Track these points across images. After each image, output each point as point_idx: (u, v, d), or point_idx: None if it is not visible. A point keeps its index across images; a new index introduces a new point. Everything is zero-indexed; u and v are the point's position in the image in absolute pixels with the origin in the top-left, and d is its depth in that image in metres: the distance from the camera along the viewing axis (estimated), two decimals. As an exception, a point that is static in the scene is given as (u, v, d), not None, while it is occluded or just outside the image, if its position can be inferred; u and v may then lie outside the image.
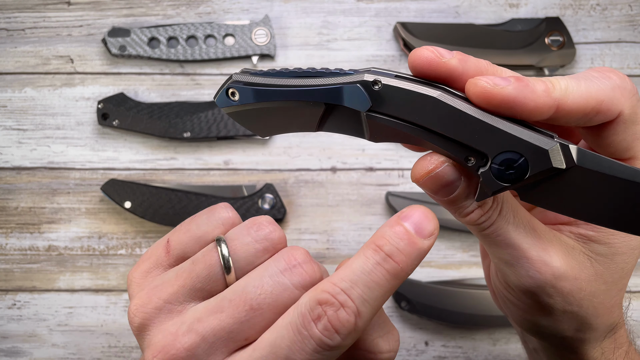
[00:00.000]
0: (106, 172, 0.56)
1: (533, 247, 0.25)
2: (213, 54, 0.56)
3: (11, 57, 0.57)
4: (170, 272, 0.24)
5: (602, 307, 0.27)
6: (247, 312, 0.22)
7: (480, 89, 0.22)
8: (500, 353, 0.55)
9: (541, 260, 0.25)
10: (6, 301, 0.55)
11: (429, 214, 0.23)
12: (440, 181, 0.23)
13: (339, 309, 0.20)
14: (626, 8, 0.58)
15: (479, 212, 0.24)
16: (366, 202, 0.56)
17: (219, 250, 0.23)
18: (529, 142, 0.22)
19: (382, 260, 0.21)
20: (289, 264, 0.23)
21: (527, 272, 0.25)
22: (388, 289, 0.21)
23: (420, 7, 0.58)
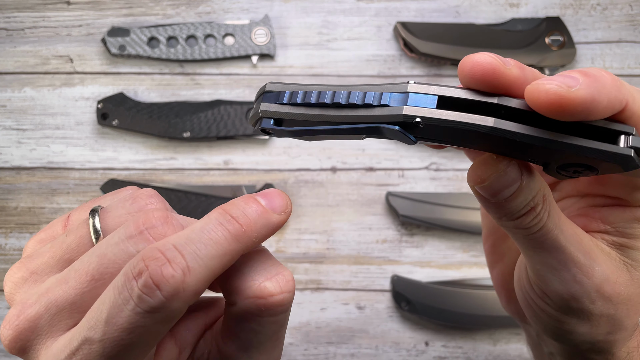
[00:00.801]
0: (106, 172, 0.56)
1: (579, 252, 0.24)
2: (213, 53, 0.56)
3: (10, 56, 0.57)
4: (50, 243, 0.23)
5: (633, 309, 0.27)
6: (89, 283, 0.21)
7: (553, 96, 0.18)
8: (500, 353, 0.55)
9: (588, 265, 0.24)
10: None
11: (282, 194, 0.22)
12: (505, 182, 0.22)
13: (164, 264, 0.18)
14: (626, 8, 0.58)
15: (531, 215, 0.23)
16: (366, 202, 0.56)
17: (90, 223, 0.22)
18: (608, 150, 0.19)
19: (225, 221, 0.20)
20: (138, 229, 0.21)
21: (575, 276, 0.24)
22: (227, 250, 0.20)
23: (420, 6, 0.58)
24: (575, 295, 0.25)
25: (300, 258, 0.55)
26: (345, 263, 0.55)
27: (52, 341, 0.21)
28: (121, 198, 0.23)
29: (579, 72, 0.19)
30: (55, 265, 0.22)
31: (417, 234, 0.56)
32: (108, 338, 0.19)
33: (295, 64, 0.57)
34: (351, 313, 0.55)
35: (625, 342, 0.28)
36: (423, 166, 0.56)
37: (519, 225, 0.23)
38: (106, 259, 0.20)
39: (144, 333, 0.19)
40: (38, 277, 0.22)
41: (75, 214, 0.24)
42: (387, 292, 0.55)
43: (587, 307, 0.25)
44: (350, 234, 0.56)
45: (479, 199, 0.24)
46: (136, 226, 0.21)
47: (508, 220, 0.23)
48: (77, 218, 0.24)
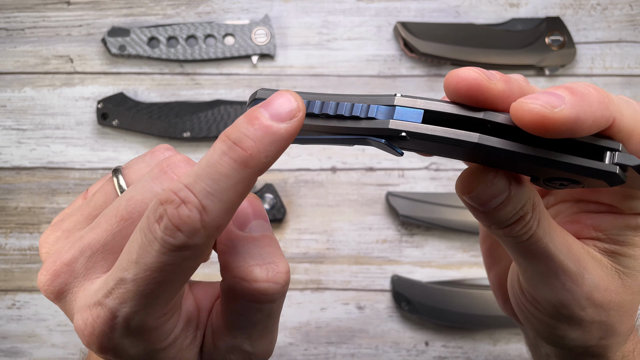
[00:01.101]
0: (106, 172, 0.56)
1: (569, 260, 0.24)
2: (213, 53, 0.56)
3: (11, 56, 0.57)
4: (74, 206, 0.24)
5: (626, 315, 0.27)
6: (119, 223, 0.22)
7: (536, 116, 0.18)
8: (500, 353, 0.55)
9: (577, 273, 0.24)
10: (6, 301, 0.55)
11: (287, 95, 0.20)
12: (492, 192, 0.22)
13: (179, 206, 0.19)
14: (627, 8, 0.58)
15: (520, 223, 0.23)
16: (366, 202, 0.56)
17: (115, 180, 0.23)
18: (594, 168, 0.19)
19: (227, 148, 0.19)
20: (162, 170, 0.22)
21: (564, 284, 0.24)
22: (237, 179, 0.19)
23: (420, 6, 0.58)
24: (564, 303, 0.25)
25: (300, 258, 0.55)
26: (345, 263, 0.55)
27: (89, 283, 0.22)
28: (140, 155, 0.24)
29: (565, 89, 0.19)
30: (85, 221, 0.23)
31: (417, 234, 0.56)
32: (140, 277, 0.20)
33: (295, 64, 0.57)
34: (351, 313, 0.55)
35: (619, 346, 0.28)
36: (423, 166, 0.56)
37: (508, 234, 0.23)
38: (134, 200, 0.22)
39: (173, 271, 0.20)
40: (70, 233, 0.23)
41: (93, 187, 0.25)
42: (387, 292, 0.55)
43: (578, 314, 0.25)
44: (350, 234, 0.56)
45: (469, 208, 0.24)
46: (160, 168, 0.22)
47: (497, 228, 0.23)
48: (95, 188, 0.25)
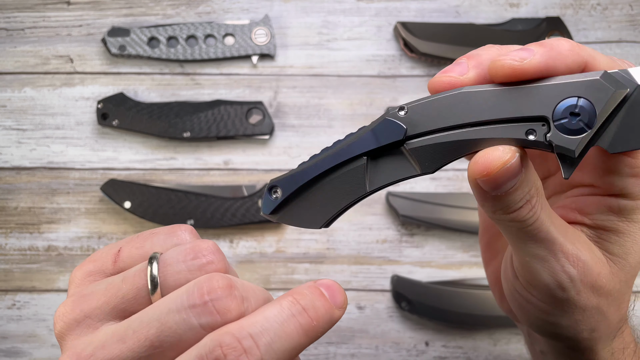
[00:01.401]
0: (106, 172, 0.56)
1: (568, 242, 0.25)
2: (213, 53, 0.56)
3: (11, 56, 0.57)
4: (102, 283, 0.23)
5: (614, 305, 0.27)
6: (147, 349, 0.20)
7: (507, 69, 0.21)
8: (500, 353, 0.55)
9: (575, 255, 0.25)
10: (6, 301, 0.55)
11: (341, 289, 0.23)
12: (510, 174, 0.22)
13: (241, 355, 0.19)
14: (627, 8, 0.58)
15: (527, 207, 0.23)
16: (366, 202, 0.56)
17: (148, 272, 0.22)
18: (577, 80, 0.21)
19: (297, 312, 0.21)
20: (201, 298, 0.20)
21: (563, 266, 0.25)
22: (298, 343, 0.20)
23: (420, 6, 0.58)
24: (562, 285, 0.25)
25: (300, 258, 0.55)
26: (345, 263, 0.55)
27: None
28: (181, 250, 0.23)
29: (536, 44, 0.22)
30: (110, 313, 0.22)
31: (417, 234, 0.56)
32: None
33: (295, 64, 0.57)
34: (351, 313, 0.55)
35: (608, 340, 0.29)
36: (423, 166, 0.56)
37: (515, 218, 0.24)
38: (167, 327, 0.20)
39: None
40: (92, 322, 0.22)
41: (127, 249, 0.24)
42: (387, 292, 0.55)
43: (573, 297, 0.26)
44: (351, 234, 0.56)
45: (478, 193, 0.24)
46: (200, 295, 0.20)
47: (504, 214, 0.24)
48: (128, 254, 0.24)
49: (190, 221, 0.53)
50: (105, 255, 0.24)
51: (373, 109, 0.57)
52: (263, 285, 0.55)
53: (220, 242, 0.56)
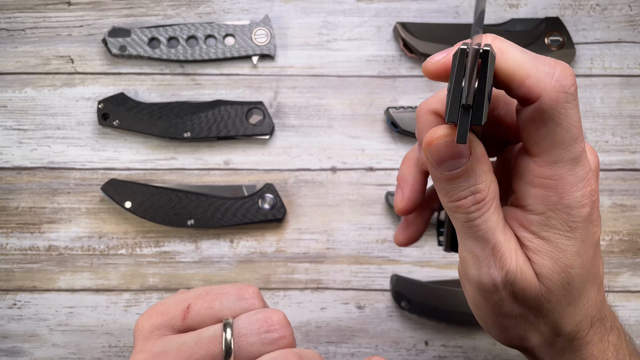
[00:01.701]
0: (106, 172, 0.56)
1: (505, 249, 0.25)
2: (213, 54, 0.56)
3: (11, 57, 0.57)
4: (174, 341, 0.24)
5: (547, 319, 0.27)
6: None
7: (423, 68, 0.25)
8: (500, 353, 0.55)
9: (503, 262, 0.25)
10: (6, 301, 0.55)
11: None
12: (452, 152, 0.24)
13: None
14: (626, 8, 0.58)
15: (471, 200, 0.24)
16: (366, 202, 0.56)
17: (223, 340, 0.23)
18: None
19: None
20: None
21: (489, 269, 0.26)
22: None
23: (420, 7, 0.58)
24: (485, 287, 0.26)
25: (300, 258, 0.56)
26: (345, 263, 0.55)
27: None
28: (254, 320, 0.25)
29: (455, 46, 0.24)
30: None
31: (416, 233, 0.56)
32: None
33: (295, 64, 0.57)
34: (351, 312, 0.55)
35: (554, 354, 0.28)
36: (423, 166, 0.57)
37: (459, 207, 0.25)
38: None
39: None
40: None
41: (196, 307, 0.25)
42: (387, 292, 0.55)
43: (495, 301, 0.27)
44: (350, 234, 0.56)
45: (430, 172, 0.25)
46: None
47: (449, 201, 0.25)
48: (197, 312, 0.25)
49: (191, 221, 0.54)
50: (174, 310, 0.25)
51: (373, 109, 0.57)
52: (263, 285, 0.55)
53: (220, 242, 0.56)
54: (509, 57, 0.23)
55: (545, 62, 0.24)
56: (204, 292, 0.26)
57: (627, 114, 0.57)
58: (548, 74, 0.23)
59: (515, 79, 0.23)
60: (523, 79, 0.23)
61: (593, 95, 0.57)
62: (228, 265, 0.55)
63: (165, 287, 0.55)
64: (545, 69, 0.23)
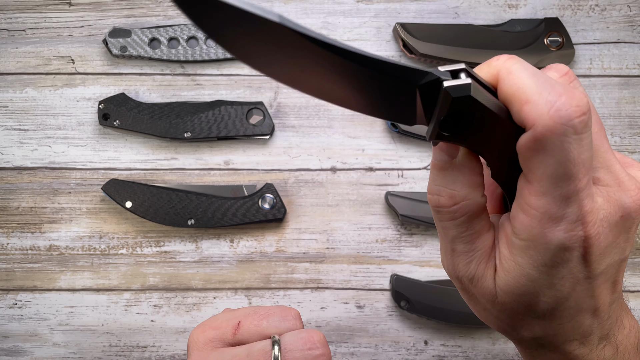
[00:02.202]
0: (107, 172, 0.56)
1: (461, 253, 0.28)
2: (214, 54, 0.56)
3: (12, 57, 0.58)
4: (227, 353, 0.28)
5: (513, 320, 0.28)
6: None
7: None
8: (499, 352, 0.55)
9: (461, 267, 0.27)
10: (7, 301, 0.55)
11: None
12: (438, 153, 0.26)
13: None
14: (625, 9, 0.58)
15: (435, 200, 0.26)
16: (366, 202, 0.56)
17: (272, 354, 0.27)
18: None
19: None
20: None
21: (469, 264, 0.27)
22: None
23: (419, 7, 0.58)
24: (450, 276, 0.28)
25: (300, 257, 0.56)
26: (345, 262, 0.56)
27: None
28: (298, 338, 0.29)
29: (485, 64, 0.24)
30: None
31: (416, 233, 0.56)
32: None
33: (295, 65, 0.57)
34: (351, 312, 0.55)
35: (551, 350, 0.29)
36: (422, 166, 0.57)
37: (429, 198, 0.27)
38: None
39: None
40: None
41: (246, 324, 0.29)
42: (387, 292, 0.56)
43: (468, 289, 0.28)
44: (350, 234, 0.56)
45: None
46: None
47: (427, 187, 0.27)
48: (247, 329, 0.29)
49: (191, 221, 0.54)
50: (226, 325, 0.29)
51: (373, 110, 0.57)
52: (263, 284, 0.55)
53: (221, 242, 0.56)
54: (512, 80, 0.23)
55: (554, 90, 0.22)
56: (252, 311, 0.30)
57: (626, 114, 0.57)
58: (549, 102, 0.22)
59: (514, 102, 0.23)
60: (522, 103, 0.22)
61: (592, 95, 0.57)
62: (228, 265, 0.56)
63: (166, 286, 0.55)
64: (548, 97, 0.22)
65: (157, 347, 0.55)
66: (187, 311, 0.55)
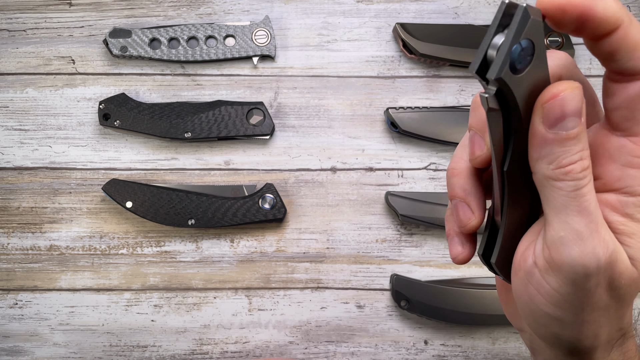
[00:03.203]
0: (107, 172, 0.56)
1: (603, 224, 0.24)
2: (214, 54, 0.57)
3: (13, 57, 0.58)
4: None
5: (619, 312, 0.26)
6: None
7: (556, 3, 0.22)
8: (499, 352, 0.55)
9: (607, 242, 0.24)
10: (8, 300, 0.55)
11: None
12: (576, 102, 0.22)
13: None
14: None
15: (581, 165, 0.23)
16: (366, 202, 0.56)
17: None
18: None
19: None
20: None
21: (595, 248, 0.24)
22: None
23: (419, 8, 0.58)
24: (587, 269, 0.24)
25: (300, 257, 0.56)
26: (345, 262, 0.56)
27: None
28: None
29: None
30: None
31: (416, 233, 0.56)
32: None
33: (295, 65, 0.58)
34: (351, 312, 0.55)
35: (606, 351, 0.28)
36: (422, 166, 0.57)
37: (568, 173, 0.23)
38: None
39: None
40: None
41: None
42: (387, 291, 0.56)
43: (590, 288, 0.25)
44: (350, 234, 0.56)
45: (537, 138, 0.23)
46: None
47: (557, 167, 0.23)
48: None
49: (192, 221, 0.54)
50: None
51: (372, 110, 0.57)
52: (263, 284, 0.56)
53: (221, 242, 0.56)
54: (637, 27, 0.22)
55: None
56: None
57: (625, 115, 0.57)
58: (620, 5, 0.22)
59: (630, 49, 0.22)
60: (635, 49, 0.22)
61: (592, 95, 0.58)
62: (228, 265, 0.56)
63: (166, 286, 0.55)
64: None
65: (157, 347, 0.55)
66: (187, 311, 0.55)
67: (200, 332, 0.55)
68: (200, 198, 0.54)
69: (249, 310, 0.55)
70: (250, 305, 0.55)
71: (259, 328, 0.55)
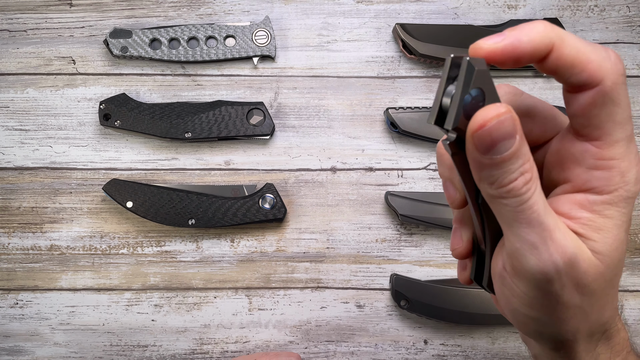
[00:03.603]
0: (108, 172, 0.57)
1: (557, 229, 0.25)
2: (214, 55, 0.57)
3: (13, 58, 0.58)
4: None
5: (597, 306, 0.27)
6: None
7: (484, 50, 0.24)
8: (499, 352, 0.55)
9: (564, 246, 0.25)
10: (8, 300, 0.56)
11: None
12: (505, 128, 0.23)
13: None
14: (624, 9, 0.59)
15: (523, 180, 0.24)
16: (366, 202, 0.56)
17: None
18: None
19: None
20: None
21: (551, 255, 0.25)
22: None
23: (419, 8, 0.58)
24: (548, 276, 0.25)
25: (300, 257, 0.56)
26: (345, 262, 0.56)
27: None
28: None
29: (510, 29, 0.24)
30: None
31: (416, 233, 0.56)
32: None
33: (295, 65, 0.58)
34: (351, 311, 0.55)
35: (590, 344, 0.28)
36: (422, 166, 0.57)
37: (511, 191, 0.24)
38: None
39: None
40: None
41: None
42: (387, 291, 0.56)
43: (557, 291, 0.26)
44: (350, 234, 0.56)
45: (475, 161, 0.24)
46: None
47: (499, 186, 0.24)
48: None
49: (192, 220, 0.54)
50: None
51: (372, 110, 0.57)
52: (263, 284, 0.56)
53: (221, 242, 0.56)
54: (569, 44, 0.24)
55: (598, 47, 0.25)
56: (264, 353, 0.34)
57: (625, 115, 0.57)
58: (605, 58, 0.24)
59: (577, 64, 0.24)
60: (584, 64, 0.24)
61: (591, 95, 0.58)
62: (229, 265, 0.56)
63: (167, 286, 0.56)
64: (602, 54, 0.24)
65: (157, 346, 0.55)
66: (187, 311, 0.55)
67: (201, 331, 0.55)
68: (201, 198, 0.54)
69: (249, 310, 0.55)
70: (251, 305, 0.56)
71: (259, 328, 0.55)
